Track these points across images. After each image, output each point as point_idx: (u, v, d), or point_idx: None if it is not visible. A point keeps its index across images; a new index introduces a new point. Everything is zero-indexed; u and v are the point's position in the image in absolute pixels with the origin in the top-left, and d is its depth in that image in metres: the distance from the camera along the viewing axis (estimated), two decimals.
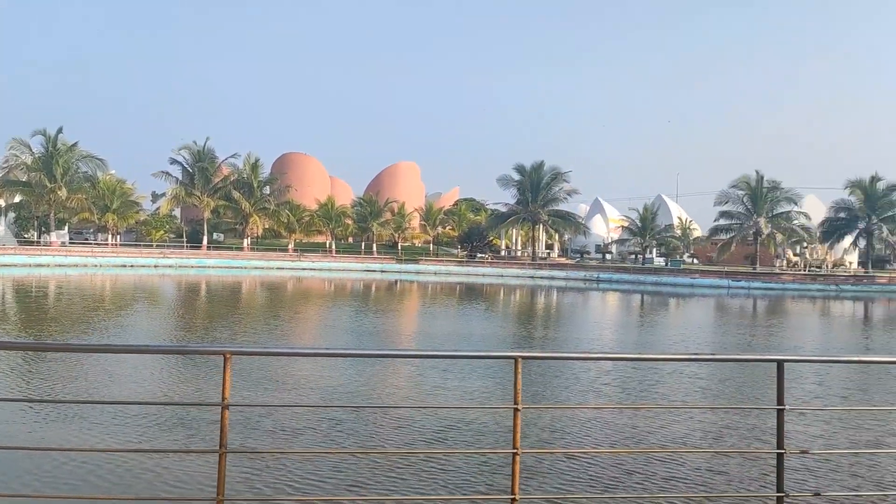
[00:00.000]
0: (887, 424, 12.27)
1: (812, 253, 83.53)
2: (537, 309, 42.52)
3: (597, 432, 11.42)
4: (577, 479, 9.04)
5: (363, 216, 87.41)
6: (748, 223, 74.72)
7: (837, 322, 40.95)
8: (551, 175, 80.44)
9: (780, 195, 75.57)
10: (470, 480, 8.93)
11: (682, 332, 29.81)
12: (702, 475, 9.26)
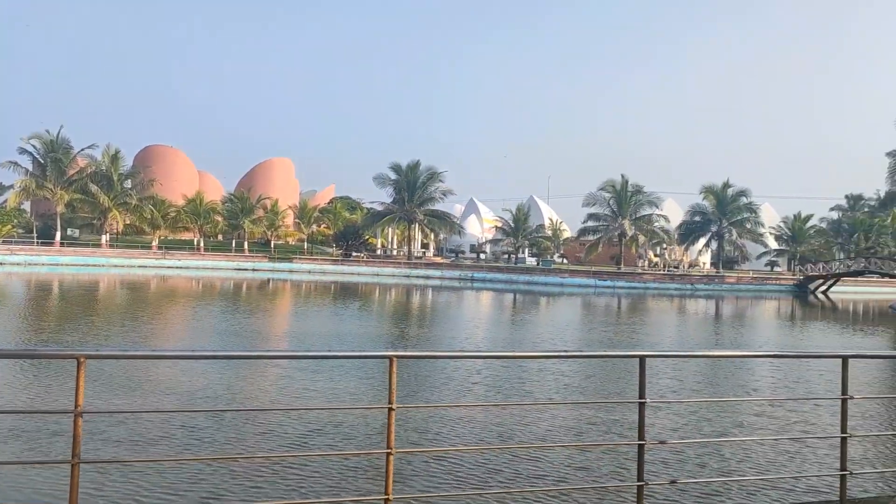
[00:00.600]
0: (735, 415, 13.06)
1: (671, 254, 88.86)
2: (412, 308, 42.57)
3: (468, 430, 11.43)
4: (448, 477, 8.97)
5: (234, 213, 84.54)
6: (614, 225, 78.36)
7: (692, 319, 43.60)
8: (427, 175, 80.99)
9: (643, 198, 79.78)
10: (342, 483, 8.67)
11: (551, 329, 30.71)
12: (567, 469, 9.44)
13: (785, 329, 37.84)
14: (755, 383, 17.35)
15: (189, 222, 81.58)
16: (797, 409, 13.53)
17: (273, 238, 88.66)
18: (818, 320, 44.70)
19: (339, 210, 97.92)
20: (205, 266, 72.20)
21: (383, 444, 4.28)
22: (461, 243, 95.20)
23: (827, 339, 31.23)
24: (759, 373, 18.48)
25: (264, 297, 46.85)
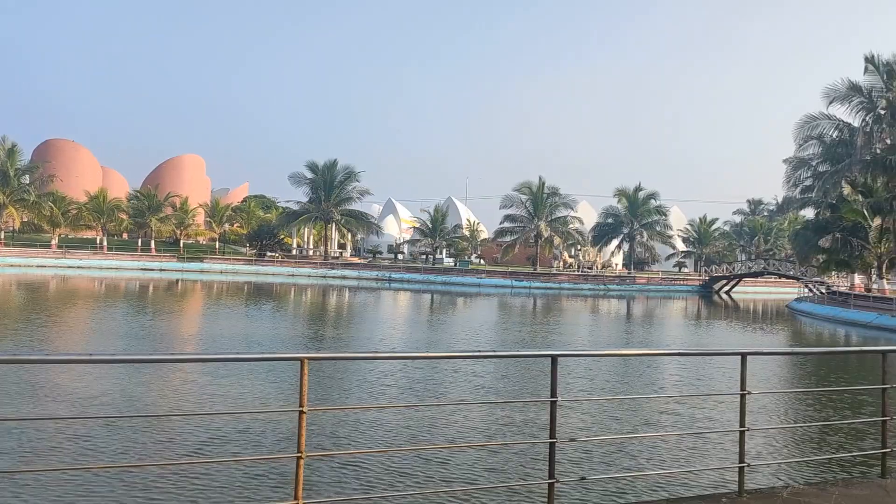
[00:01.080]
0: (643, 411, 13.37)
1: (585, 255, 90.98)
2: (328, 308, 41.97)
3: (381, 433, 11.26)
4: (360, 480, 8.79)
5: (140, 210, 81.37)
6: (530, 226, 79.60)
7: (605, 319, 44.71)
8: (345, 174, 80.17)
9: (558, 200, 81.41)
10: (250, 491, 8.35)
11: (467, 330, 30.82)
12: (480, 469, 9.41)
13: (690, 328, 39.28)
14: (662, 381, 17.86)
15: (92, 220, 78.01)
16: (700, 405, 13.97)
17: (182, 237, 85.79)
18: (721, 319, 46.63)
19: (253, 209, 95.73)
20: (108, 266, 69.21)
21: (293, 448, 4.12)
22: (379, 243, 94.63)
23: (728, 338, 32.57)
24: (666, 370, 19.03)
25: (171, 298, 45.19)
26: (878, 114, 46.56)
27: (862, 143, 46.13)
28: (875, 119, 46.68)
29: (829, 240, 51.13)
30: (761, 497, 5.59)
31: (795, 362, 21.12)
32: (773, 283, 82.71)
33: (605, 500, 7.55)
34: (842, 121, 48.70)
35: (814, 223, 55.17)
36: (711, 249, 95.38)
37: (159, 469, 8.81)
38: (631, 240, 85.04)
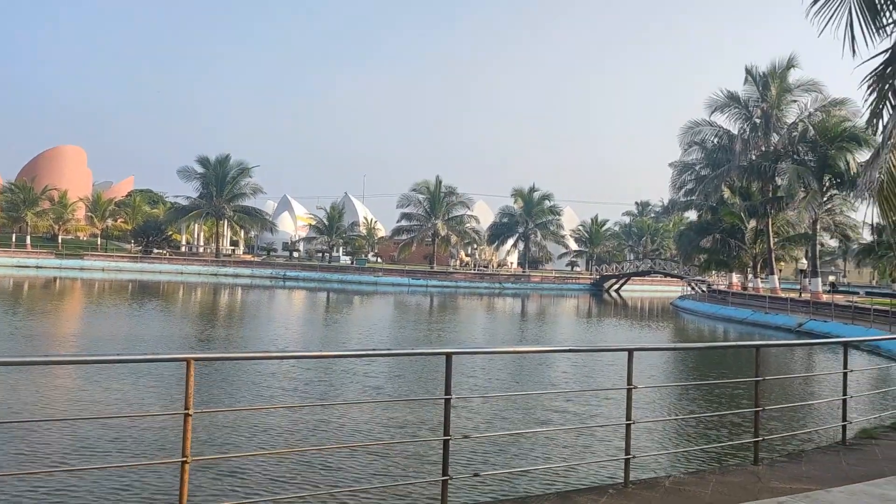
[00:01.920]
0: (535, 407, 13.60)
1: (481, 254, 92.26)
2: (219, 307, 40.63)
3: (271, 434, 10.93)
4: (250, 484, 8.47)
5: (14, 204, 76.29)
6: (427, 225, 79.94)
7: (500, 316, 45.44)
8: (238, 169, 77.95)
9: (455, 200, 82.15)
10: (130, 498, 7.87)
11: (362, 328, 30.55)
12: (374, 468, 9.28)
13: (582, 325, 40.49)
14: (555, 377, 18.26)
15: None
16: (590, 400, 14.36)
17: (61, 232, 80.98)
18: (610, 317, 48.33)
19: (138, 204, 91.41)
20: None
21: (178, 453, 3.92)
22: (273, 241, 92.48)
23: (617, 334, 33.79)
24: (558, 367, 19.48)
25: (48, 296, 42.50)
26: (753, 122, 49.59)
27: (739, 149, 48.99)
28: (752, 127, 49.69)
29: (709, 240, 54.07)
30: (645, 486, 5.75)
31: (679, 357, 22.12)
32: (660, 282, 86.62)
33: (498, 496, 7.57)
34: (721, 128, 51.58)
35: (696, 225, 58.17)
36: (602, 249, 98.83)
37: (25, 480, 8.16)
38: (526, 239, 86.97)
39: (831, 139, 43.28)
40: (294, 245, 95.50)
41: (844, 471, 6.21)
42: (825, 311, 36.43)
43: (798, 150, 46.47)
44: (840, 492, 4.99)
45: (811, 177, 43.94)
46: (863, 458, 6.83)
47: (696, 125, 52.29)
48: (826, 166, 43.49)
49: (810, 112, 47.32)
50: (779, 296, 46.27)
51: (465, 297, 62.25)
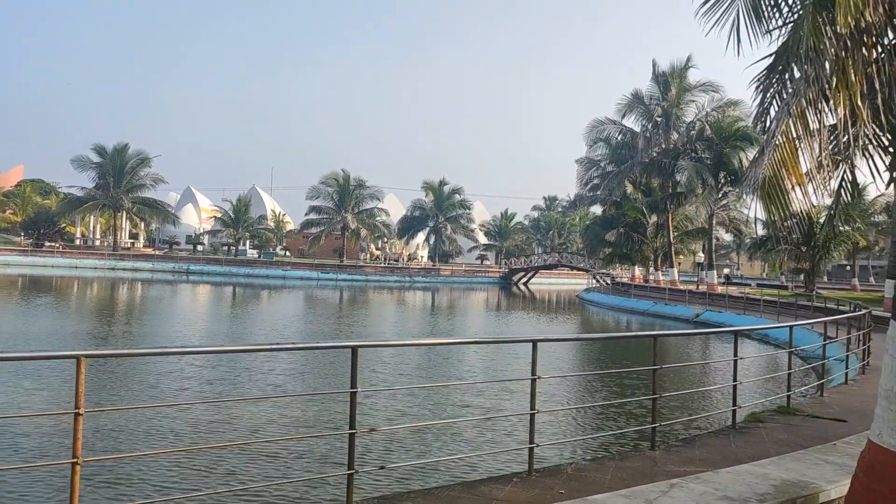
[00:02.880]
0: (443, 399, 13.65)
1: (391, 247, 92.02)
2: (117, 303, 38.85)
3: (170, 432, 10.51)
4: (146, 484, 8.11)
5: None
6: (336, 218, 79.03)
7: (410, 310, 45.44)
8: (137, 159, 74.78)
9: (365, 193, 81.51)
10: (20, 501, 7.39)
11: (269, 322, 29.90)
12: (279, 463, 9.08)
13: (491, 318, 41.00)
14: (463, 369, 18.39)
15: None
16: (496, 390, 14.52)
17: None
18: (518, 309, 49.17)
19: (28, 194, 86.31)
20: None
21: (68, 454, 3.80)
22: (176, 234, 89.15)
23: (525, 326, 34.39)
24: (465, 359, 19.63)
25: None
26: (655, 121, 51.49)
27: (642, 146, 50.77)
28: (653, 125, 51.58)
29: (614, 234, 55.79)
30: (548, 474, 5.85)
31: (583, 348, 22.69)
32: (566, 275, 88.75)
33: (404, 488, 7.53)
34: (625, 125, 53.34)
35: (601, 219, 59.92)
36: (511, 243, 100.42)
37: None
38: (436, 233, 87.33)
39: (726, 138, 45.44)
40: (198, 238, 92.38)
41: (734, 452, 6.50)
42: (720, 302, 38.22)
43: (696, 148, 48.54)
44: (727, 472, 5.21)
45: (708, 174, 45.99)
46: (750, 440, 7.16)
47: (600, 123, 53.88)
48: (721, 164, 45.62)
49: (707, 112, 49.55)
50: (678, 288, 48.24)
51: (375, 290, 61.95)
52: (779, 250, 40.95)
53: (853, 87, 6.09)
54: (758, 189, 6.45)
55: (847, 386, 11.57)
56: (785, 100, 6.59)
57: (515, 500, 5.03)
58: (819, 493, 4.85)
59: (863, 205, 47.73)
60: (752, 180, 6.51)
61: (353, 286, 66.47)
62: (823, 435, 7.17)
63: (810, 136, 6.41)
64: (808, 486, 4.91)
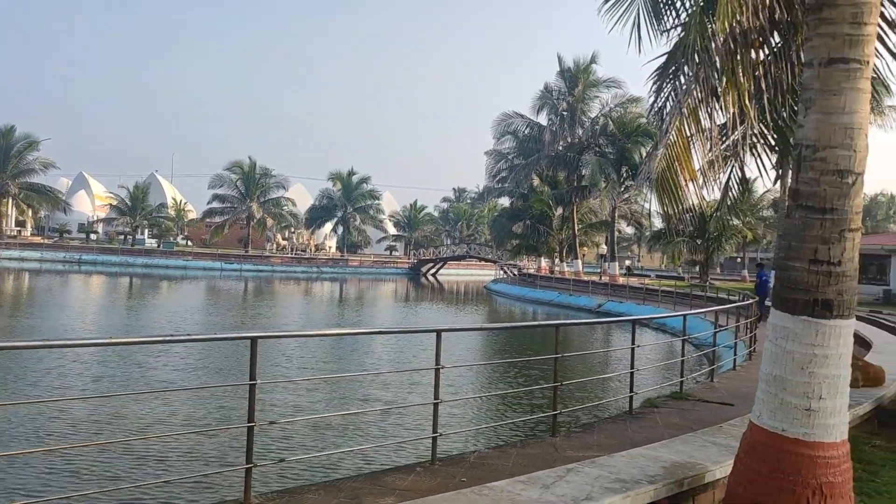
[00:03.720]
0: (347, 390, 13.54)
1: (299, 237, 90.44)
2: None
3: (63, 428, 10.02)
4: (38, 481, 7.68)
5: None
6: (241, 207, 76.94)
7: (317, 300, 44.84)
8: (24, 143, 70.36)
9: (271, 181, 79.67)
10: None
11: (167, 315, 28.80)
12: (175, 459, 8.78)
13: (399, 308, 40.99)
14: (369, 360, 18.30)
15: None
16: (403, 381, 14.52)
17: None
18: (427, 300, 49.35)
19: None
20: None
21: None
22: (67, 221, 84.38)
23: (432, 317, 34.56)
24: (373, 350, 19.54)
25: None
26: (561, 115, 52.67)
27: (548, 140, 51.84)
28: (560, 120, 52.76)
29: (521, 226, 56.77)
30: (451, 463, 5.88)
31: (489, 338, 23.01)
32: (475, 266, 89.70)
33: (306, 481, 7.41)
34: (532, 119, 54.31)
35: (508, 211, 60.81)
36: (420, 234, 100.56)
37: None
38: (345, 223, 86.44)
39: (628, 134, 46.99)
40: (92, 226, 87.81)
41: (630, 437, 6.72)
42: (621, 292, 39.59)
43: (600, 143, 49.94)
44: (622, 456, 5.38)
45: (611, 168, 47.45)
46: (645, 424, 7.42)
47: (508, 117, 54.68)
48: (624, 159, 47.15)
49: (611, 108, 51.05)
50: (582, 279, 49.63)
51: (282, 281, 60.78)
52: (676, 243, 42.73)
53: (741, 87, 6.38)
54: (653, 183, 6.67)
55: (735, 371, 12.17)
56: (678, 98, 6.83)
57: (418, 489, 5.02)
58: (705, 473, 5.08)
59: (752, 200, 50.41)
60: (647, 174, 6.73)
61: (259, 277, 64.99)
62: (712, 418, 7.52)
63: (702, 134, 6.67)
64: (695, 466, 5.13)
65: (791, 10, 6.09)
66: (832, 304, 4.27)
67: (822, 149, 4.25)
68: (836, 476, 4.26)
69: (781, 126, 7.05)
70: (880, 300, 34.81)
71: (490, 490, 4.50)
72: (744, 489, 4.49)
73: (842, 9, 4.17)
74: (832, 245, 4.25)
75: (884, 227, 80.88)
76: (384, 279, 74.79)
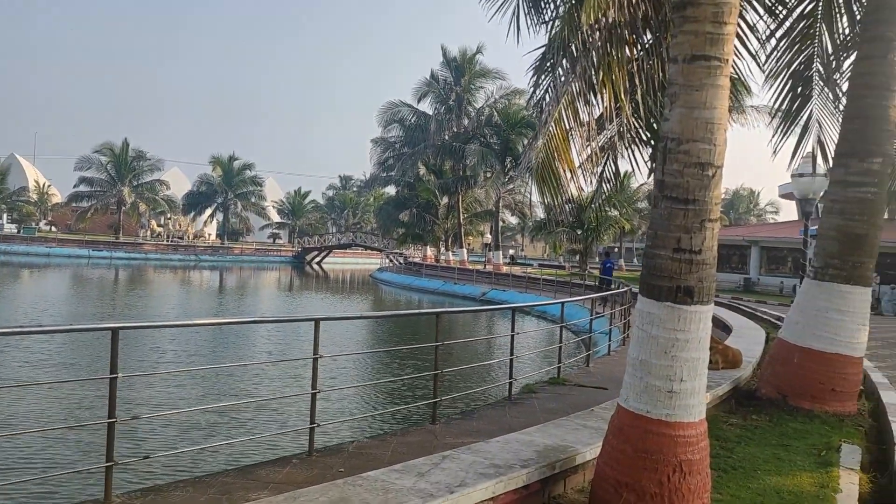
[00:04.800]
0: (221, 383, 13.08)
1: (176, 224, 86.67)
2: None
3: None
4: None
5: None
6: (112, 191, 72.81)
7: (195, 289, 43.13)
8: None
9: (145, 165, 75.80)
10: None
11: (23, 306, 26.76)
12: (29, 459, 8.18)
13: (282, 297, 40.09)
14: (248, 351, 17.76)
15: None
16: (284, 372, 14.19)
17: None
18: (311, 289, 48.55)
19: None
20: None
21: None
22: None
23: (315, 305, 34.03)
24: (253, 341, 18.99)
25: None
26: (448, 105, 53.04)
27: (434, 129, 52.10)
28: (446, 109, 53.11)
29: (407, 215, 56.87)
30: (329, 454, 5.77)
31: (372, 327, 22.89)
32: (361, 255, 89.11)
33: (172, 477, 7.06)
34: (419, 109, 54.41)
35: (395, 200, 60.74)
36: (305, 221, 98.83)
37: None
38: (225, 209, 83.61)
39: (512, 125, 47.93)
40: None
41: (508, 423, 6.83)
42: (504, 281, 40.43)
43: (485, 134, 50.69)
44: (497, 441, 5.45)
45: (495, 159, 48.28)
46: (523, 410, 7.57)
47: (394, 105, 54.51)
48: (508, 150, 48.08)
49: (496, 99, 51.90)
50: (467, 268, 50.31)
51: (156, 270, 58.06)
52: (557, 233, 44.10)
53: (616, 81, 6.58)
54: (533, 174, 6.78)
55: (610, 357, 12.66)
56: (556, 90, 6.97)
57: (293, 482, 4.89)
58: (576, 455, 5.22)
59: (628, 192, 52.75)
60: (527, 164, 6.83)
61: (131, 265, 61.82)
62: (586, 402, 7.76)
63: (580, 126, 6.84)
64: (566, 449, 5.26)
65: (660, 8, 6.32)
66: (693, 291, 4.47)
67: (686, 142, 4.42)
68: (694, 454, 4.48)
69: (653, 122, 7.33)
70: (741, 287, 37.36)
71: (363, 480, 4.44)
72: (611, 469, 4.65)
73: (704, 7, 4.35)
74: (694, 234, 4.44)
75: (745, 220, 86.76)
76: (267, 268, 72.97)
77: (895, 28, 7.79)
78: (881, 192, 7.97)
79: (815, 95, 9.30)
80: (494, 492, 4.50)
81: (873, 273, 8.23)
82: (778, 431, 7.08)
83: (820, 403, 7.87)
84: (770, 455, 6.19)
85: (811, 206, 16.24)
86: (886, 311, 24.96)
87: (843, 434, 7.06)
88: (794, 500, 5.08)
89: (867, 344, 8.39)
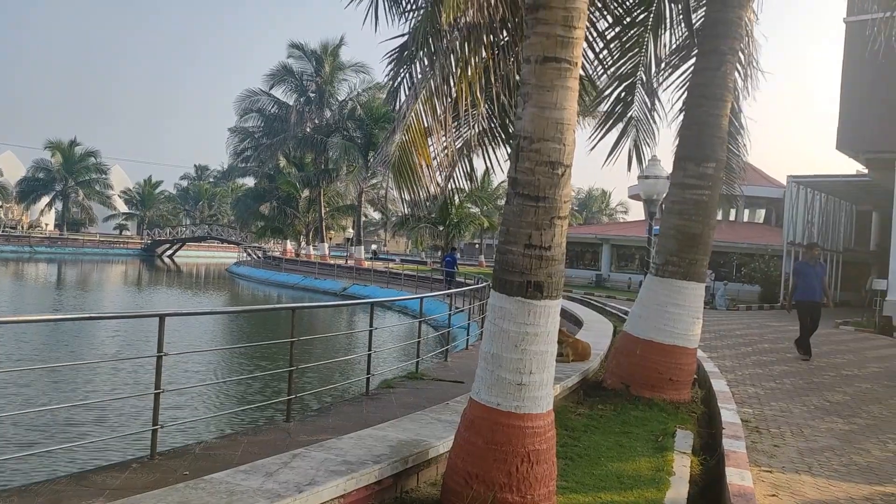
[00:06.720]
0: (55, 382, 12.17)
1: (8, 213, 79.78)
2: None
3: None
4: None
5: None
6: None
7: (28, 284, 39.84)
8: None
9: None
10: None
11: None
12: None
13: (128, 293, 37.85)
14: (90, 350, 16.63)
15: None
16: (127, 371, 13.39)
17: None
18: (161, 284, 46.20)
19: None
20: None
21: None
22: None
23: (164, 300, 32.37)
24: (97, 338, 17.81)
25: None
26: (308, 96, 52.02)
27: (295, 120, 50.96)
28: (307, 101, 52.08)
29: (267, 207, 55.35)
30: (173, 456, 5.49)
31: (224, 323, 22.04)
32: (217, 248, 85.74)
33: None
34: (279, 99, 52.98)
35: (254, 191, 58.95)
36: (156, 213, 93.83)
37: None
38: (65, 198, 77.75)
39: (376, 119, 47.74)
40: None
41: (365, 418, 6.76)
42: (366, 276, 40.29)
43: (348, 127, 50.17)
44: (350, 438, 5.37)
45: (358, 153, 47.92)
46: (381, 405, 7.54)
47: (253, 94, 52.78)
48: (371, 144, 47.83)
49: (359, 92, 51.49)
50: (328, 262, 49.68)
51: None
52: (419, 228, 44.46)
53: (473, 80, 6.66)
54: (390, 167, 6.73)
55: (467, 351, 12.87)
56: (415, 84, 6.96)
57: (132, 487, 4.58)
58: (429, 448, 5.24)
59: (489, 189, 54.02)
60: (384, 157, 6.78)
61: None
62: (442, 396, 7.83)
63: (438, 122, 6.86)
64: (420, 443, 5.27)
65: (517, 11, 6.46)
66: (542, 286, 4.60)
67: (537, 140, 4.54)
68: (542, 444, 4.61)
69: (508, 121, 7.47)
70: (593, 283, 39.31)
71: (206, 483, 4.22)
72: (462, 462, 4.70)
73: (555, 11, 4.47)
74: (544, 231, 4.57)
75: (598, 219, 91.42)
76: (113, 261, 68.65)
77: (729, 42, 8.41)
78: (714, 194, 8.59)
79: (637, 101, 9.90)
80: (345, 489, 4.43)
81: (707, 270, 8.86)
82: (621, 420, 7.46)
83: (659, 392, 8.37)
84: (613, 442, 6.51)
85: (655, 206, 17.28)
86: (719, 306, 27.09)
87: (678, 420, 7.56)
88: (633, 483, 5.37)
89: (701, 336, 9.02)
